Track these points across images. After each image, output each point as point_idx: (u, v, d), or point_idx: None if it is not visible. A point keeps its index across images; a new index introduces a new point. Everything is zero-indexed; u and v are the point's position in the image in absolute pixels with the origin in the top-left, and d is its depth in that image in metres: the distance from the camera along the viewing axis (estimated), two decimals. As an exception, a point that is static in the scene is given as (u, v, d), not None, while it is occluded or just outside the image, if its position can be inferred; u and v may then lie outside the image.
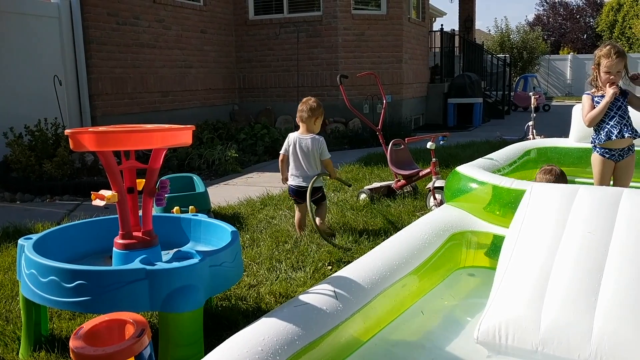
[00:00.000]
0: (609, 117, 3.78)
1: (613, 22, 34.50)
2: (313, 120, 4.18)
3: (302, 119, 4.20)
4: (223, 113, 10.86)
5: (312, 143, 4.13)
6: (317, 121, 4.22)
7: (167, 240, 2.77)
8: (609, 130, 3.78)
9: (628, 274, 2.15)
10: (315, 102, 4.21)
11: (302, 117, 4.19)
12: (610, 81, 3.73)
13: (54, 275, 2.16)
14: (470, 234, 3.22)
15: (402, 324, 2.56)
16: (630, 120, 3.81)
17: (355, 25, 10.86)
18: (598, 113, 3.76)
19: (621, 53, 3.75)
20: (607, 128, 3.79)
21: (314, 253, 3.74)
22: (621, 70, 3.75)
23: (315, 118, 4.18)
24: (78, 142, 2.21)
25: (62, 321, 2.79)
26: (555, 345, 2.12)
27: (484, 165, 3.97)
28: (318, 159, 4.18)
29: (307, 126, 4.19)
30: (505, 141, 8.97)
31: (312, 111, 4.16)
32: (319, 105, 4.22)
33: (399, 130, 9.75)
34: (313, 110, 4.16)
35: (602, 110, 3.74)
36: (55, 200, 5.96)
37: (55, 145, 6.63)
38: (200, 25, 10.29)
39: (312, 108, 4.16)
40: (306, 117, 4.17)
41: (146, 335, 1.75)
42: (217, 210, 5.05)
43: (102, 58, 8.15)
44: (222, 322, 2.72)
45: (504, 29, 27.88)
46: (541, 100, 17.06)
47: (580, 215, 2.40)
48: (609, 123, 3.78)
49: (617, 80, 3.75)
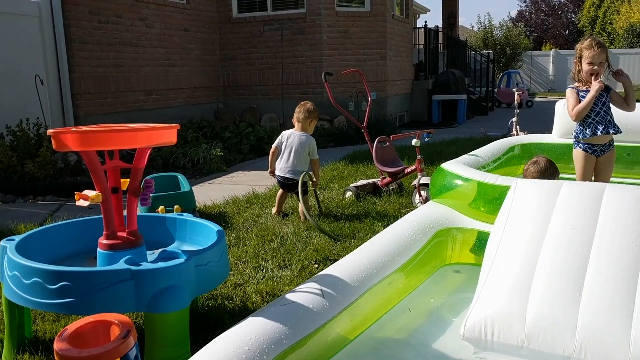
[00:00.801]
0: (594, 113, 3.80)
1: (594, 17, 34.87)
2: (309, 121, 4.62)
3: (298, 119, 4.63)
4: (208, 111, 10.81)
5: (305, 140, 4.54)
6: (312, 123, 4.67)
7: (153, 240, 2.75)
8: (594, 125, 3.81)
9: (611, 269, 2.18)
10: (312, 105, 4.69)
11: (299, 118, 4.62)
12: (594, 72, 3.74)
13: (38, 276, 2.13)
14: (455, 231, 3.24)
15: (388, 321, 2.57)
16: (613, 116, 3.85)
17: (339, 23, 10.86)
18: (585, 107, 3.76)
19: (602, 45, 3.77)
20: (592, 124, 3.81)
21: (301, 252, 3.74)
22: (603, 62, 3.77)
23: (310, 120, 4.63)
24: (61, 142, 2.18)
25: (46, 323, 2.76)
26: (540, 341, 2.14)
27: (468, 161, 3.99)
28: (307, 156, 4.56)
29: (302, 126, 4.62)
30: (489, 137, 9.04)
31: (309, 113, 4.61)
32: (315, 109, 4.69)
33: (384, 128, 9.77)
34: (310, 112, 4.62)
35: (588, 104, 3.75)
36: (38, 201, 5.90)
37: (38, 145, 6.55)
38: (183, 23, 10.22)
39: (309, 110, 4.62)
40: (302, 117, 4.60)
41: (132, 336, 1.74)
42: (203, 209, 5.02)
43: (84, 57, 8.06)
44: (208, 322, 2.71)
45: (487, 26, 28.06)
46: (524, 97, 17.19)
47: (564, 211, 2.43)
48: (594, 119, 3.81)
49: (600, 72, 3.76)
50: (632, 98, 3.83)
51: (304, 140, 4.53)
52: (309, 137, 4.57)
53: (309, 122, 4.62)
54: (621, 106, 3.85)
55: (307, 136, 4.57)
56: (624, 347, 2.01)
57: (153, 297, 2.10)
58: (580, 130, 3.89)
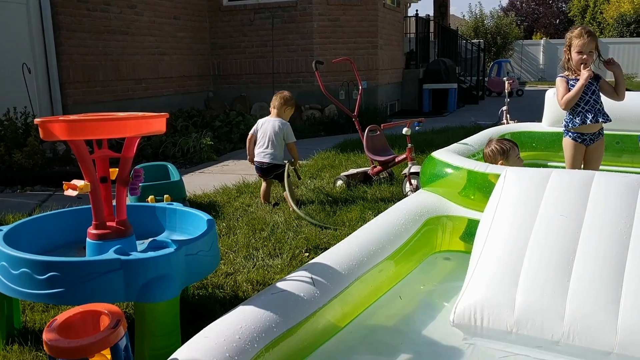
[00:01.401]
0: (584, 102, 3.81)
1: (585, 7, 34.94)
2: (284, 108, 4.76)
3: (274, 106, 4.78)
4: (198, 100, 10.75)
5: (278, 125, 4.67)
6: (287, 110, 4.79)
7: (142, 229, 2.74)
8: (584, 114, 3.81)
9: (599, 255, 2.20)
10: (288, 94, 4.83)
11: (275, 105, 4.77)
12: (583, 61, 3.74)
13: (26, 267, 2.12)
14: (445, 219, 3.25)
15: (379, 308, 2.58)
16: (602, 104, 3.86)
17: (330, 11, 10.80)
18: (574, 95, 3.77)
19: (592, 33, 3.77)
20: (582, 112, 3.82)
21: (291, 240, 3.74)
22: (593, 51, 3.77)
23: (286, 107, 4.76)
24: (48, 132, 2.16)
25: (35, 313, 2.74)
26: (529, 326, 2.16)
27: (458, 150, 4.00)
28: (282, 141, 4.69)
29: (278, 112, 4.76)
30: (479, 126, 9.05)
31: (285, 100, 4.75)
32: (291, 97, 4.82)
33: (375, 116, 9.76)
34: (286, 100, 4.75)
35: (578, 92, 3.75)
36: (26, 191, 5.85)
37: (26, 134, 6.49)
38: (173, 12, 10.13)
39: (285, 98, 4.76)
40: (278, 104, 4.75)
41: (122, 326, 1.74)
42: (193, 198, 5.01)
43: (72, 45, 7.97)
44: (199, 311, 2.71)
45: (478, 15, 28.03)
46: (515, 85, 17.24)
47: (553, 199, 2.44)
48: (584, 107, 3.81)
49: (589, 60, 3.76)
50: (622, 87, 3.84)
51: (279, 126, 4.66)
52: (284, 123, 4.70)
53: (284, 109, 4.76)
54: (611, 95, 3.86)
55: (282, 121, 4.69)
56: (611, 333, 2.03)
57: (143, 287, 2.09)
58: (570, 119, 3.90)
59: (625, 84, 3.89)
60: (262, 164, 4.69)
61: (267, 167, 4.69)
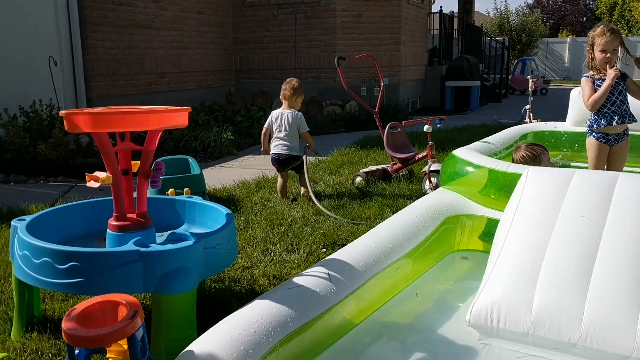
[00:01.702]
0: (610, 102, 3.73)
1: (613, 4, 34.29)
2: (294, 98, 4.79)
3: (284, 96, 4.81)
4: (219, 95, 10.80)
5: (292, 117, 4.71)
6: (298, 99, 4.83)
7: (162, 222, 2.77)
8: (610, 116, 3.74)
9: (621, 258, 2.16)
10: (297, 82, 4.84)
11: (285, 95, 4.80)
12: (607, 60, 3.66)
13: (47, 256, 2.15)
14: (465, 218, 3.23)
15: (394, 306, 2.58)
16: (629, 104, 3.78)
17: (353, 7, 10.76)
18: (601, 96, 3.68)
19: (615, 31, 3.69)
20: (608, 114, 3.74)
21: (309, 236, 3.75)
22: (617, 49, 3.69)
23: (296, 96, 4.80)
24: (73, 124, 2.19)
25: (55, 302, 2.79)
26: (546, 328, 2.13)
27: (480, 148, 3.97)
28: (297, 131, 4.74)
29: (289, 103, 4.79)
30: (502, 125, 8.96)
31: (294, 90, 4.78)
32: (300, 85, 4.84)
33: (396, 113, 9.71)
34: (295, 90, 4.78)
35: (604, 93, 3.67)
36: (50, 182, 5.95)
37: (50, 126, 6.59)
38: (197, 6, 10.18)
39: (294, 87, 4.78)
40: (289, 95, 4.78)
41: (139, 317, 1.75)
42: (212, 192, 5.04)
43: (97, 39, 8.07)
44: (215, 304, 2.72)
45: (503, 12, 27.71)
46: (539, 84, 17.02)
47: (575, 199, 2.41)
48: (610, 108, 3.74)
49: (613, 59, 3.68)
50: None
51: (292, 117, 4.72)
52: (297, 113, 4.76)
53: (295, 98, 4.80)
54: (637, 95, 3.78)
55: (295, 112, 4.75)
56: (630, 336, 2.00)
57: (161, 279, 2.11)
58: (595, 119, 3.82)
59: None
60: (280, 155, 4.75)
61: (284, 159, 4.75)
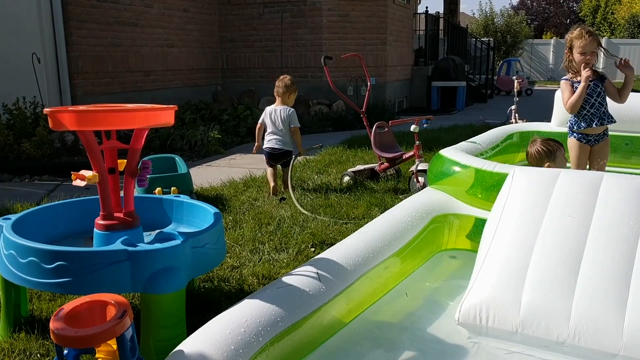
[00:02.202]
0: (589, 105, 3.76)
1: (596, 7, 34.71)
2: (287, 95, 4.97)
3: (278, 93, 4.99)
4: (206, 93, 10.75)
5: (284, 113, 4.91)
6: (291, 96, 5.01)
7: (149, 221, 2.75)
8: (589, 118, 3.78)
9: (607, 257, 2.19)
10: (290, 79, 5.01)
11: (278, 92, 4.98)
12: (586, 61, 3.69)
13: (34, 256, 2.13)
14: (452, 217, 3.25)
15: (384, 305, 2.58)
16: (607, 106, 3.83)
17: (339, 7, 10.77)
18: (577, 98, 3.71)
19: (593, 33, 3.72)
20: (588, 116, 3.78)
21: (297, 235, 3.75)
22: (595, 50, 3.72)
23: (289, 93, 4.97)
24: (58, 122, 2.16)
25: (42, 302, 2.76)
26: (534, 327, 2.15)
27: (467, 148, 3.99)
28: (289, 127, 4.92)
29: (282, 99, 4.97)
30: (488, 125, 9.02)
31: (287, 87, 4.95)
32: (292, 82, 5.02)
33: (383, 113, 9.73)
34: (287, 87, 4.96)
35: (581, 95, 3.70)
36: (35, 181, 5.88)
37: (34, 124, 6.52)
38: (182, 4, 10.12)
39: (287, 85, 4.96)
40: (282, 92, 4.96)
41: (128, 317, 1.74)
42: (200, 191, 5.02)
43: (82, 36, 7.99)
44: (204, 304, 2.71)
45: (488, 13, 27.91)
46: (524, 85, 17.16)
47: (561, 199, 2.43)
48: (589, 110, 3.78)
49: (592, 61, 3.70)
50: (627, 91, 3.79)
51: (285, 113, 4.90)
52: (287, 109, 4.93)
53: (288, 95, 4.97)
54: (614, 97, 3.81)
55: (287, 109, 4.94)
56: (617, 334, 2.03)
57: (149, 278, 2.09)
58: (575, 121, 3.86)
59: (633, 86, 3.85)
60: (274, 149, 4.93)
61: (278, 153, 4.94)
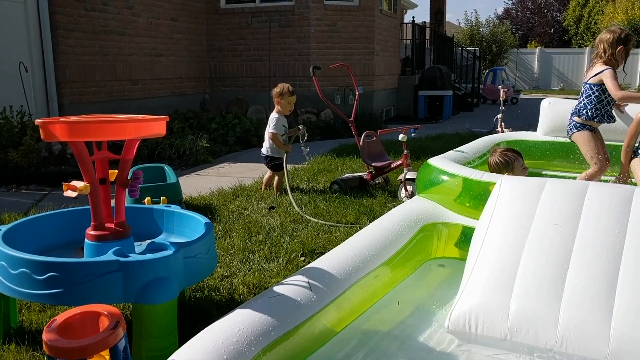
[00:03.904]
0: (609, 106, 4.09)
1: (579, 17, 35.17)
2: (277, 101, 5.19)
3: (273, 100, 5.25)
4: (194, 102, 10.75)
5: (270, 118, 5.15)
6: (282, 102, 5.16)
7: (140, 231, 2.75)
8: (609, 115, 4.10)
9: (593, 264, 2.23)
10: (280, 87, 5.19)
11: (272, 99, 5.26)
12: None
13: (25, 267, 2.12)
14: (441, 225, 3.28)
15: (374, 314, 2.60)
16: None
17: (327, 16, 10.84)
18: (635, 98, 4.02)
19: None
20: (609, 113, 4.11)
21: (287, 244, 3.76)
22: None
23: (278, 99, 5.16)
24: (49, 132, 2.17)
25: (32, 313, 2.75)
26: (523, 334, 2.18)
27: (454, 157, 4.03)
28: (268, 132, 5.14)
29: (276, 107, 5.20)
30: (474, 133, 9.11)
31: (274, 94, 5.21)
32: (278, 89, 5.19)
33: (371, 122, 9.80)
34: (274, 94, 5.21)
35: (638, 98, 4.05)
36: (22, 190, 5.84)
37: (21, 133, 6.48)
38: (170, 13, 10.14)
39: (274, 92, 5.22)
40: (273, 99, 5.22)
41: (121, 327, 1.75)
42: (189, 200, 5.01)
43: (69, 45, 7.97)
44: (195, 314, 2.72)
45: (474, 22, 28.19)
46: (510, 94, 17.33)
47: (548, 208, 2.47)
48: (608, 111, 4.11)
49: None
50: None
51: (270, 119, 5.15)
52: (273, 114, 5.15)
53: (278, 101, 5.17)
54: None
55: (272, 113, 5.16)
56: (604, 341, 2.06)
57: (141, 289, 2.10)
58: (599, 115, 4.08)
59: None
60: (262, 153, 5.28)
61: (264, 157, 5.26)
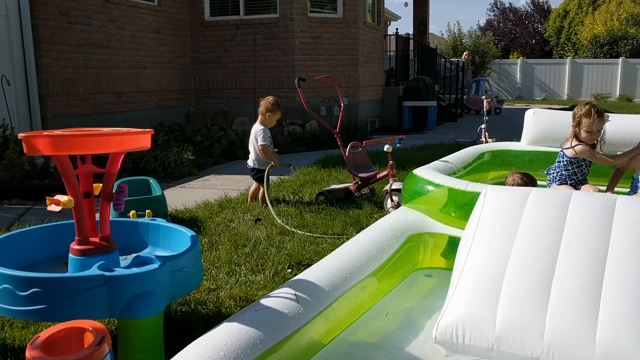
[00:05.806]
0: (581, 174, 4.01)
1: (560, 28, 35.74)
2: (265, 114, 5.18)
3: (259, 112, 5.23)
4: (179, 115, 10.72)
5: (254, 131, 5.17)
6: (269, 116, 5.16)
7: (125, 245, 2.73)
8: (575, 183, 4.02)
9: (578, 273, 2.25)
10: (267, 101, 5.19)
11: (259, 111, 5.23)
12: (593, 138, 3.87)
13: (7, 283, 2.09)
14: (427, 236, 3.29)
15: (362, 325, 2.60)
16: None
17: (311, 28, 10.90)
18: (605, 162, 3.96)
19: (601, 113, 3.85)
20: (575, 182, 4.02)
21: (274, 256, 3.75)
22: (600, 130, 3.87)
23: (267, 113, 5.15)
24: (32, 146, 2.15)
25: (15, 330, 2.70)
26: (509, 343, 2.19)
27: (439, 167, 4.06)
28: (257, 144, 5.13)
29: (260, 118, 5.20)
30: (458, 143, 9.17)
31: (263, 109, 5.18)
32: (264, 103, 5.18)
33: (356, 133, 9.83)
34: (263, 109, 5.18)
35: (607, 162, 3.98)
36: (4, 205, 5.76)
37: (4, 147, 6.41)
38: (155, 26, 10.13)
39: (263, 107, 5.18)
40: (259, 111, 5.22)
41: (106, 343, 1.72)
42: (174, 213, 4.98)
43: (52, 58, 7.92)
44: (181, 328, 2.69)
45: (456, 33, 28.49)
46: (493, 104, 17.48)
47: (532, 217, 2.49)
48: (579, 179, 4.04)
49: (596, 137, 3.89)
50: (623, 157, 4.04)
51: (255, 132, 5.15)
52: (258, 128, 5.14)
53: (267, 115, 5.18)
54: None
55: (258, 126, 5.15)
56: (589, 349, 2.08)
57: (127, 303, 2.08)
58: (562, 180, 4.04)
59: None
60: (248, 165, 5.29)
61: (250, 169, 5.27)
